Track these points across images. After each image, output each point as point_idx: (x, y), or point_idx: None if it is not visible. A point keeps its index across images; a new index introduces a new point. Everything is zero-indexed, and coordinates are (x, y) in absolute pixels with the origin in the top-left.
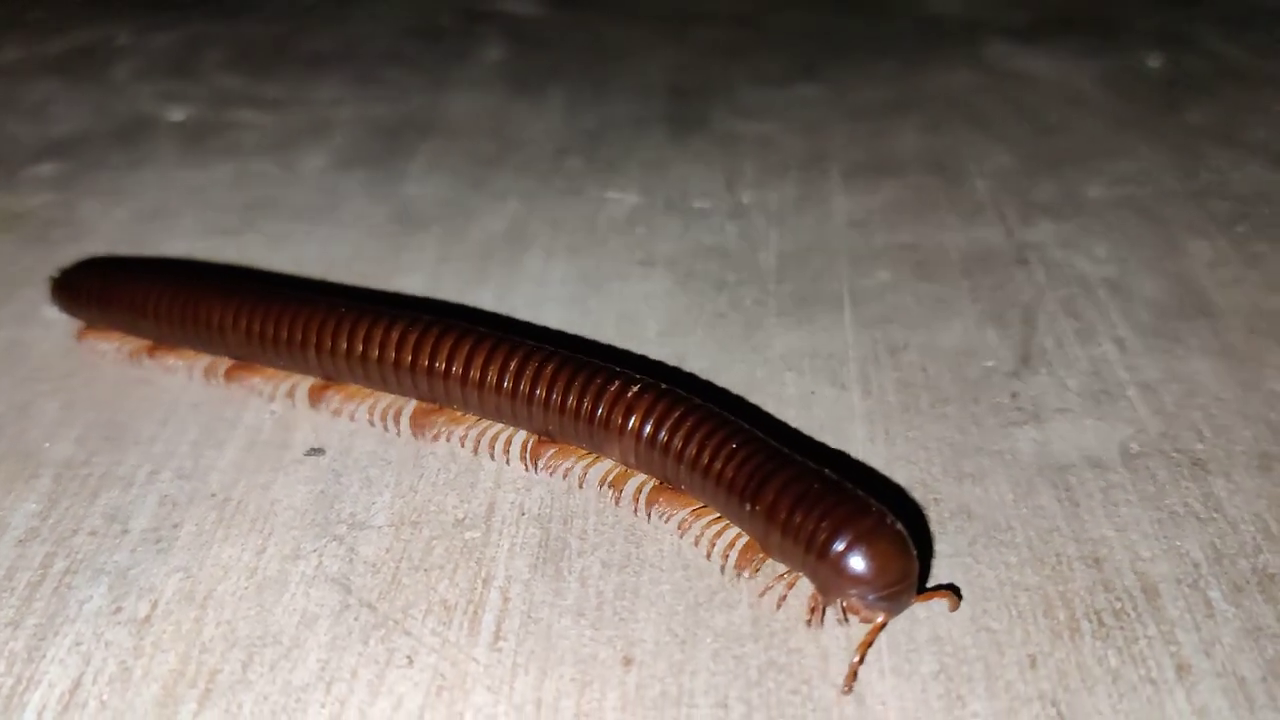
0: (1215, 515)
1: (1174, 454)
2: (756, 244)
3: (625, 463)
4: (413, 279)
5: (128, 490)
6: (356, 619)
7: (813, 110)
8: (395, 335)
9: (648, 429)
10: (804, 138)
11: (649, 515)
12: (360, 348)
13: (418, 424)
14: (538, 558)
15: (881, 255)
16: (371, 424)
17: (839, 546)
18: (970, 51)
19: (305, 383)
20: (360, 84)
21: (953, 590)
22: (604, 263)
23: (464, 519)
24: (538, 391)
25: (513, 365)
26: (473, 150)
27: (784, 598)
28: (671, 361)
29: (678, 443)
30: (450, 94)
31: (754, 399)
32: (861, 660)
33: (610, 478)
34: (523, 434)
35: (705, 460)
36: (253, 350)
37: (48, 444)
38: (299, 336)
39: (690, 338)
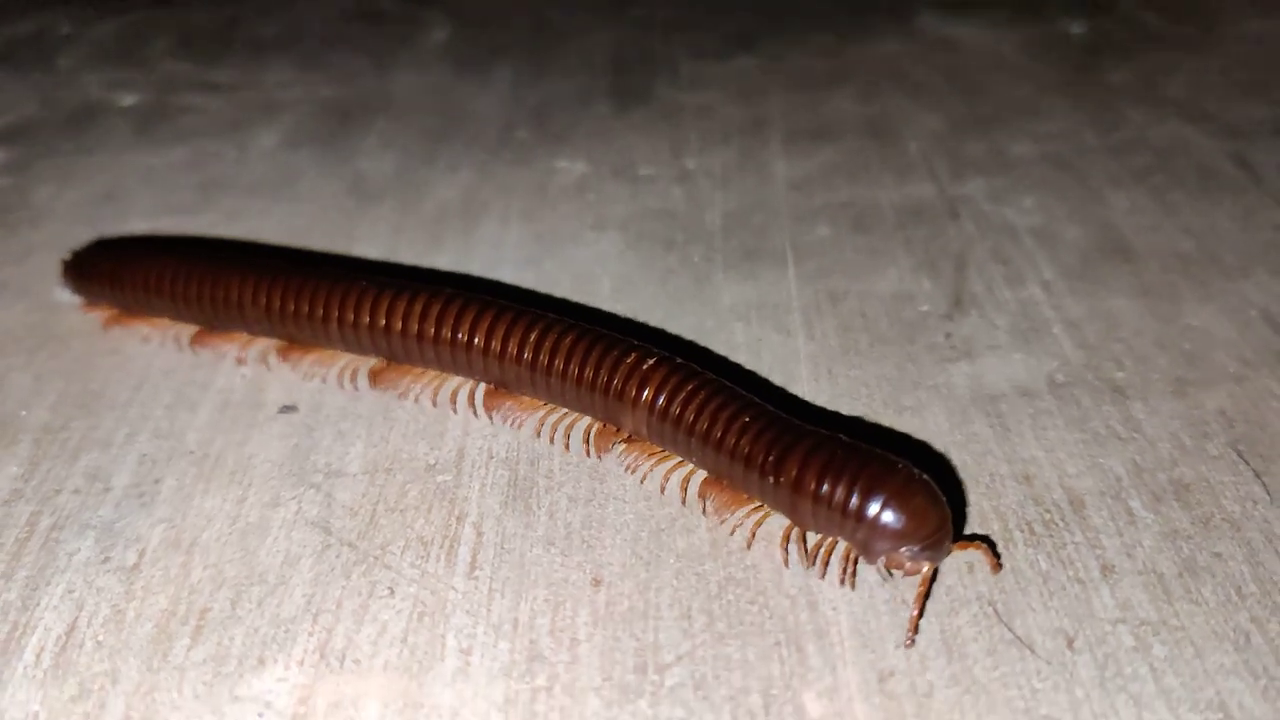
0: (1135, 435)
1: (1096, 382)
2: (702, 206)
3: (638, 434)
4: (370, 247)
5: (107, 451)
6: (338, 557)
7: (751, 81)
8: (419, 308)
9: (661, 401)
10: (744, 107)
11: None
12: (401, 324)
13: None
14: (507, 495)
15: (821, 213)
16: (435, 404)
17: (874, 508)
18: (901, 22)
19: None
20: (306, 67)
21: (988, 544)
22: (557, 227)
23: (435, 464)
24: (555, 362)
25: (532, 337)
26: (422, 127)
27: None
28: (625, 315)
29: (689, 416)
30: (396, 75)
31: (705, 345)
32: (921, 613)
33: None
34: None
35: (719, 434)
36: (287, 328)
37: (24, 412)
38: (347, 315)
39: (642, 293)
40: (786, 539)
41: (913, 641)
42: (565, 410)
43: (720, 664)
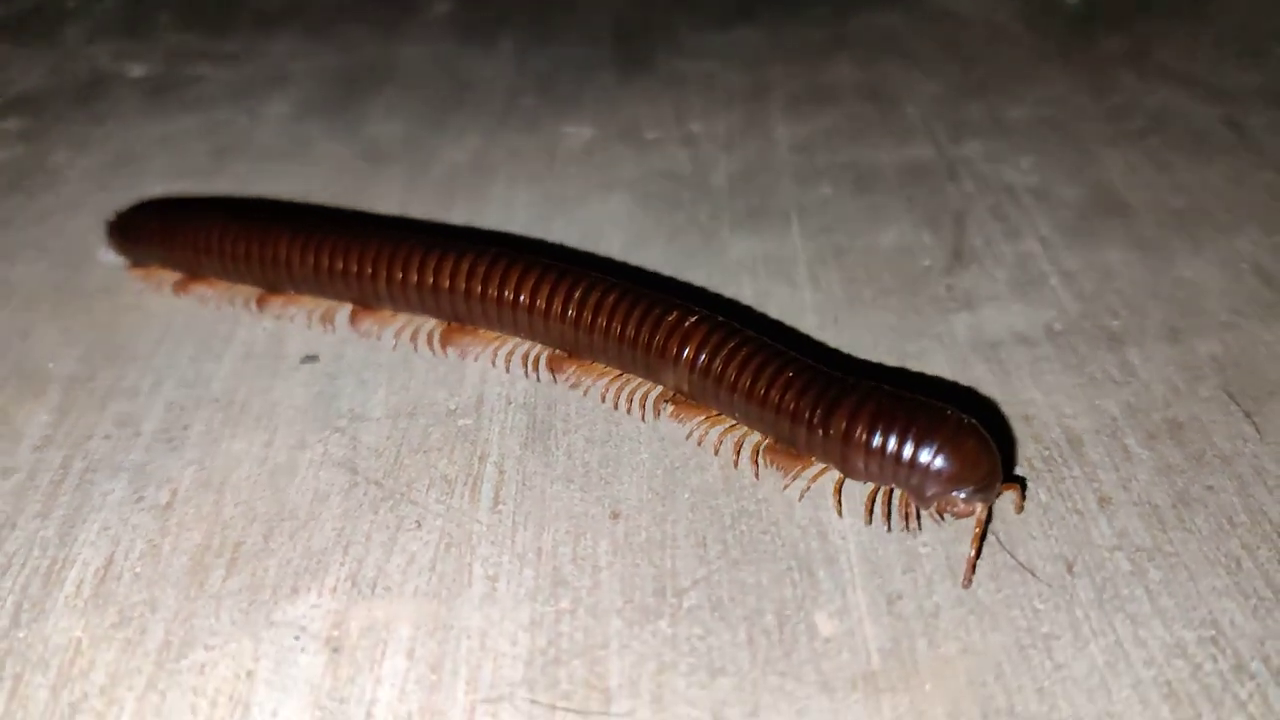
0: (1130, 379)
1: (1093, 330)
2: (707, 168)
3: (679, 391)
4: (383, 209)
5: (134, 399)
6: (365, 494)
7: (752, 50)
8: (466, 267)
9: (703, 359)
10: (745, 74)
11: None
12: (446, 282)
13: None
14: (527, 437)
15: (823, 174)
16: (509, 370)
17: (927, 455)
18: None
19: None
20: (313, 38)
21: (1021, 484)
22: (565, 188)
23: (456, 409)
24: (599, 320)
25: (576, 294)
26: (429, 94)
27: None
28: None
29: (732, 373)
30: (402, 44)
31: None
32: (978, 555)
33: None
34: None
35: (763, 390)
36: (336, 287)
37: (51, 364)
38: (409, 277)
39: (652, 250)
40: (839, 490)
41: (970, 582)
42: (634, 378)
43: (735, 588)
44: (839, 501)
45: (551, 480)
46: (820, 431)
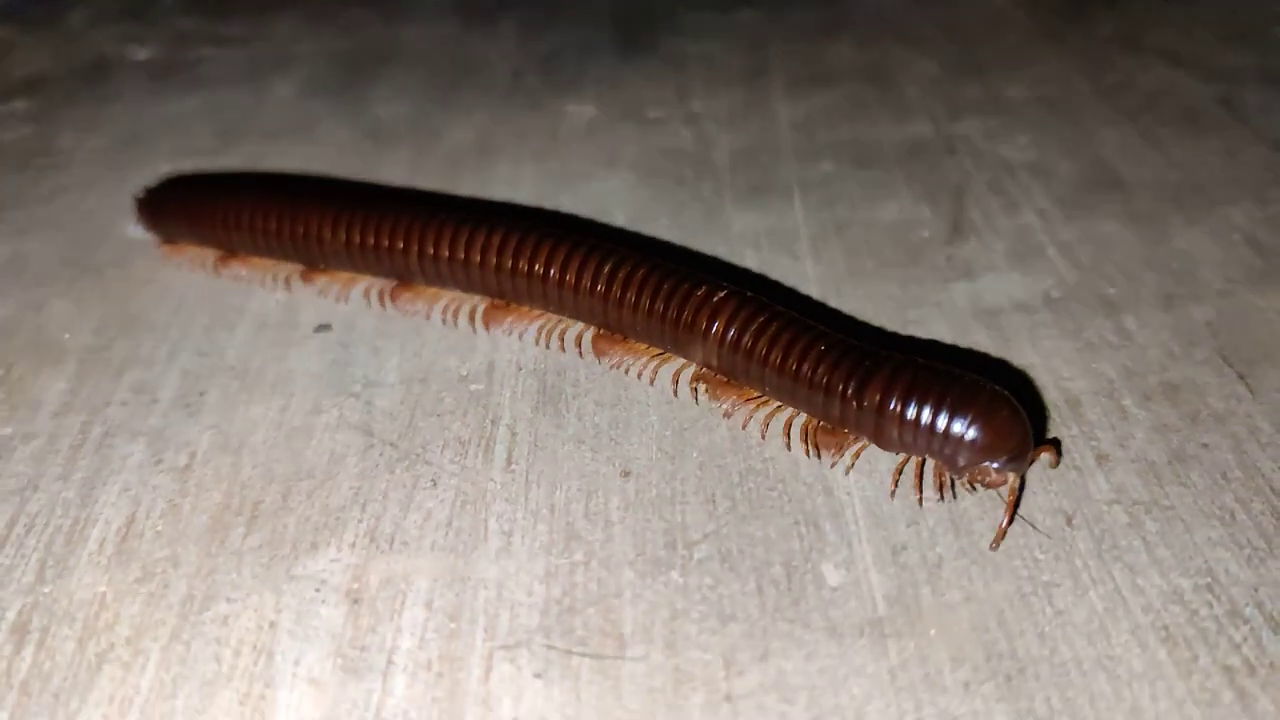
0: (1127, 343)
1: (1089, 298)
2: (709, 145)
3: (707, 365)
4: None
5: (150, 368)
6: (381, 455)
7: (752, 32)
8: (496, 241)
9: (732, 334)
10: (745, 55)
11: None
12: (464, 254)
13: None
14: (538, 401)
15: (824, 151)
16: (548, 346)
17: (961, 427)
18: None
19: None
20: (316, 21)
21: (1054, 445)
22: (570, 166)
23: (467, 375)
24: (627, 294)
25: (605, 269)
26: (433, 75)
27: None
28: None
29: (763, 348)
30: (404, 27)
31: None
32: (1011, 521)
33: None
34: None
35: (795, 364)
36: (378, 263)
37: (67, 335)
38: (401, 244)
39: (657, 224)
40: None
41: (998, 546)
42: (680, 360)
43: (744, 540)
44: (853, 462)
45: (563, 441)
46: (854, 404)
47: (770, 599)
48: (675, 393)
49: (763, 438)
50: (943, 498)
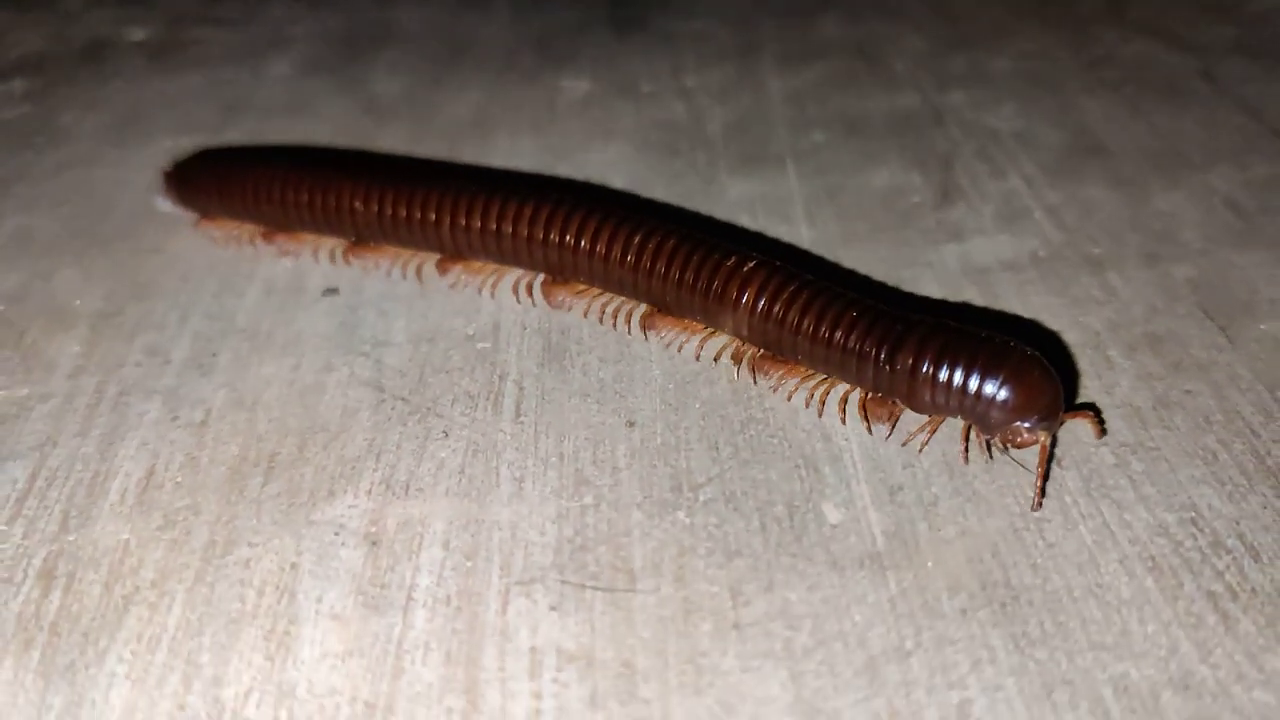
0: (1111, 299)
1: (1075, 257)
2: (703, 118)
3: (738, 335)
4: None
5: (162, 331)
6: (393, 409)
7: (742, 10)
8: (529, 213)
9: (763, 303)
10: (737, 32)
11: (763, 380)
12: (495, 225)
13: (549, 295)
14: (543, 358)
15: (815, 122)
16: (585, 315)
17: (992, 388)
18: None
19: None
20: (310, 3)
21: (1094, 411)
22: (567, 138)
23: (474, 334)
24: (657, 265)
25: (635, 240)
26: (428, 54)
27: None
28: None
29: (794, 316)
30: (398, 9)
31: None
32: (1046, 479)
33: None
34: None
35: (827, 332)
36: (427, 238)
37: (77, 301)
38: (445, 218)
39: (654, 192)
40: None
41: (1040, 506)
42: (726, 337)
43: (747, 483)
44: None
45: (569, 395)
46: (887, 368)
47: (773, 536)
48: (714, 362)
49: (819, 415)
50: (966, 460)
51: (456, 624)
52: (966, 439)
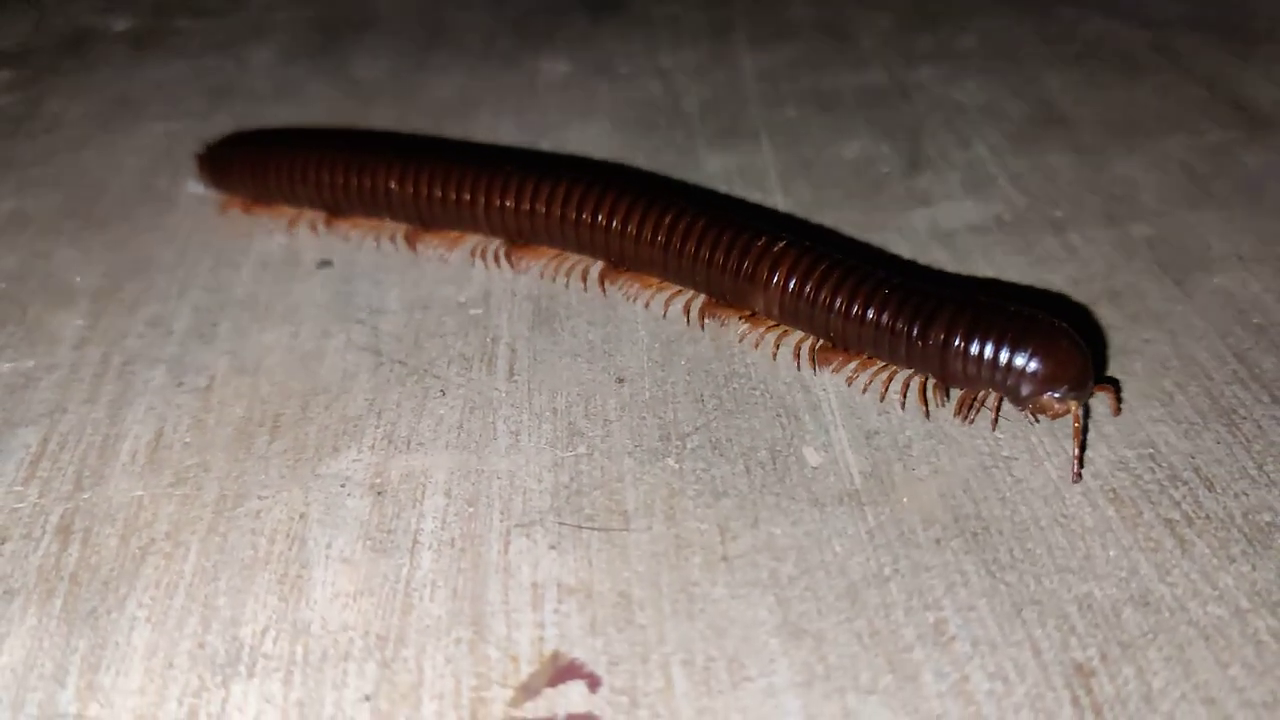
0: (1072, 257)
1: (1038, 220)
2: (679, 96)
3: (769, 315)
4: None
5: (164, 304)
6: (391, 371)
7: None
8: (576, 196)
9: (794, 283)
10: (710, 15)
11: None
12: (544, 209)
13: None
14: (534, 321)
15: (787, 98)
16: (586, 287)
17: (1023, 360)
18: None
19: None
20: None
21: (1113, 385)
22: (548, 116)
23: (466, 301)
24: (688, 247)
25: (666, 221)
26: (409, 39)
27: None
28: None
29: (826, 295)
30: None
31: None
32: (1083, 449)
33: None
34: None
35: (859, 309)
36: (490, 223)
37: (77, 278)
38: (490, 199)
39: (634, 165)
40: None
41: (1079, 477)
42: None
43: (731, 431)
44: (926, 404)
45: (560, 355)
46: (920, 344)
47: (758, 478)
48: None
49: (881, 399)
50: (995, 428)
51: (461, 563)
52: (998, 410)
